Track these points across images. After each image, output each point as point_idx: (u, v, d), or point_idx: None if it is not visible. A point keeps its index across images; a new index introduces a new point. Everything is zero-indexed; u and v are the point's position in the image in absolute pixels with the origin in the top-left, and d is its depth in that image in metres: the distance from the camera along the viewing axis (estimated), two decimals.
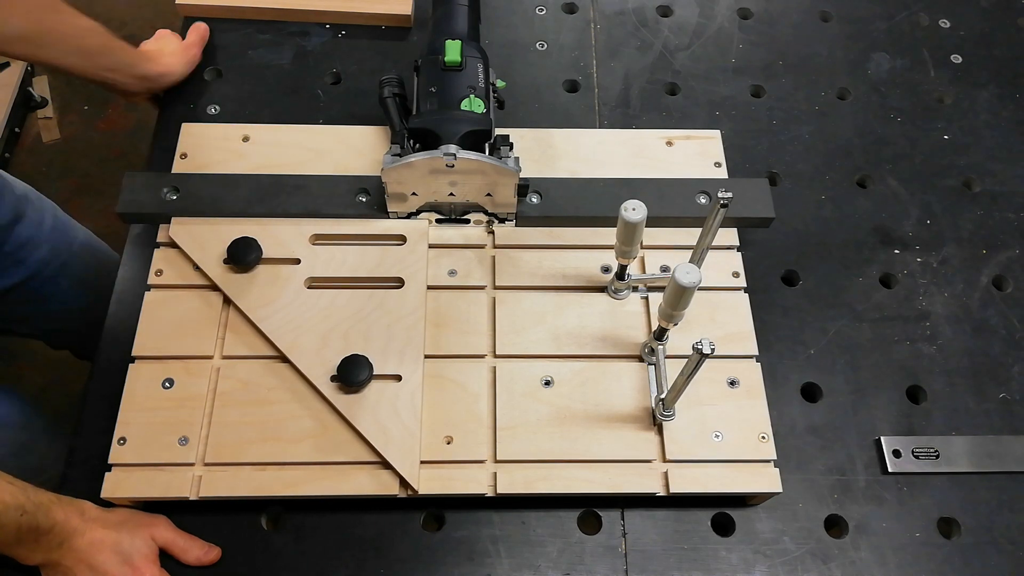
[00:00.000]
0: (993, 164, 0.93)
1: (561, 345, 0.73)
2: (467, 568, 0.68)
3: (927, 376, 0.80)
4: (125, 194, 0.78)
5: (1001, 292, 0.85)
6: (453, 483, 0.67)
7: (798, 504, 0.73)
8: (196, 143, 0.82)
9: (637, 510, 0.71)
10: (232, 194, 0.78)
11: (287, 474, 0.67)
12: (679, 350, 0.73)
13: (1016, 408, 0.78)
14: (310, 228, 0.77)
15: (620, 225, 0.65)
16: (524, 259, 0.77)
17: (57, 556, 0.62)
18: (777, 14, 1.04)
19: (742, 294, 0.77)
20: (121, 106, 1.96)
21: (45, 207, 0.97)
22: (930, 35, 1.04)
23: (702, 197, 0.79)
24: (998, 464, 0.75)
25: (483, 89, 0.78)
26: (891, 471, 0.74)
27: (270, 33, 0.98)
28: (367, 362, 0.69)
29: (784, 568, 0.70)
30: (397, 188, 0.75)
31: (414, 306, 0.74)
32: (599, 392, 0.71)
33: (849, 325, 0.82)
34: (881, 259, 0.86)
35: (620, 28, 1.02)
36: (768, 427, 0.70)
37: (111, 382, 0.73)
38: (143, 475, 0.67)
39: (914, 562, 0.71)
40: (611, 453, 0.69)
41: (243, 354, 0.72)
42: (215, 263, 0.75)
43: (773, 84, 0.98)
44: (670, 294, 0.62)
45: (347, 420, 0.68)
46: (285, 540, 0.69)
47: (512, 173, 0.73)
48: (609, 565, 0.69)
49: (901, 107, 0.97)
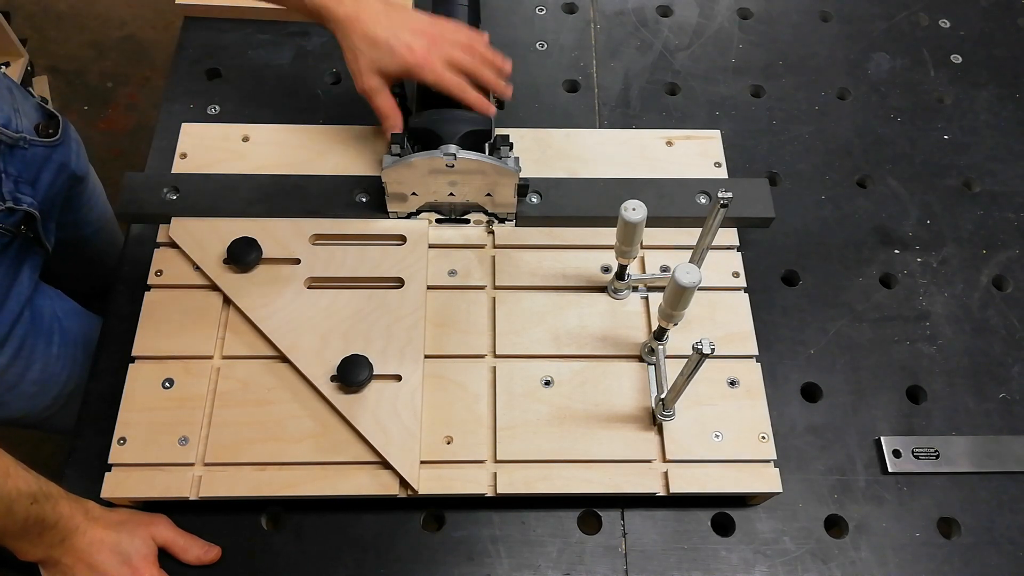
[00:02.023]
0: (993, 164, 0.93)
1: (561, 345, 0.73)
2: (467, 568, 0.68)
3: (927, 376, 0.80)
4: (125, 194, 0.78)
5: (1001, 292, 0.85)
6: (453, 483, 0.67)
7: (798, 504, 0.73)
8: (196, 143, 0.82)
9: (637, 510, 0.71)
10: (232, 194, 0.78)
11: (287, 474, 0.67)
12: (679, 350, 0.73)
13: (1016, 408, 0.78)
14: (310, 228, 0.77)
15: (620, 225, 0.65)
16: (524, 259, 0.77)
17: (58, 553, 0.62)
18: (777, 14, 1.04)
19: (742, 294, 0.77)
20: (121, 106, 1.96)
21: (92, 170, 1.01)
22: (930, 35, 1.04)
23: (702, 197, 0.79)
24: (998, 464, 0.75)
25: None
26: (891, 471, 0.74)
27: (270, 33, 0.98)
28: (367, 362, 0.69)
29: (784, 568, 0.70)
30: (397, 188, 0.75)
31: (414, 306, 0.74)
32: (599, 392, 0.71)
33: (849, 325, 0.82)
34: (881, 259, 0.86)
35: (620, 28, 1.02)
36: (768, 427, 0.70)
37: (111, 382, 0.73)
38: (143, 475, 0.67)
39: (914, 562, 0.71)
40: (611, 453, 0.69)
41: (243, 354, 0.72)
42: (215, 263, 0.75)
43: (773, 84, 0.98)
44: (670, 294, 0.62)
45: (347, 420, 0.68)
46: (285, 540, 0.69)
47: (512, 173, 0.73)
48: (609, 565, 0.69)
49: (901, 107, 0.97)
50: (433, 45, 0.73)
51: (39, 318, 0.85)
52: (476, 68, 0.76)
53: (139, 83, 2.01)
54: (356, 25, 0.71)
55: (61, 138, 0.87)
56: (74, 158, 0.91)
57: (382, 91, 0.74)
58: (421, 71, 0.72)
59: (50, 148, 0.85)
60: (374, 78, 0.73)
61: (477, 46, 0.77)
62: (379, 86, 0.74)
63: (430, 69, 0.72)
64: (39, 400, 0.87)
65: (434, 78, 0.72)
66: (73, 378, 0.88)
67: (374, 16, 0.71)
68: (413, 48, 0.71)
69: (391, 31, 0.71)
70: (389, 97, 0.75)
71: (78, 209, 0.97)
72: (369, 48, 0.71)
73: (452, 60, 0.74)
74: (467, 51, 0.76)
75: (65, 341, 0.87)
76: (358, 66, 0.73)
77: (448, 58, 0.74)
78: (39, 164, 0.84)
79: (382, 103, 0.75)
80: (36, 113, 0.86)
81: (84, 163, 0.95)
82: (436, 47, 0.73)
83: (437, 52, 0.73)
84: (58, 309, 0.89)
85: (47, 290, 0.89)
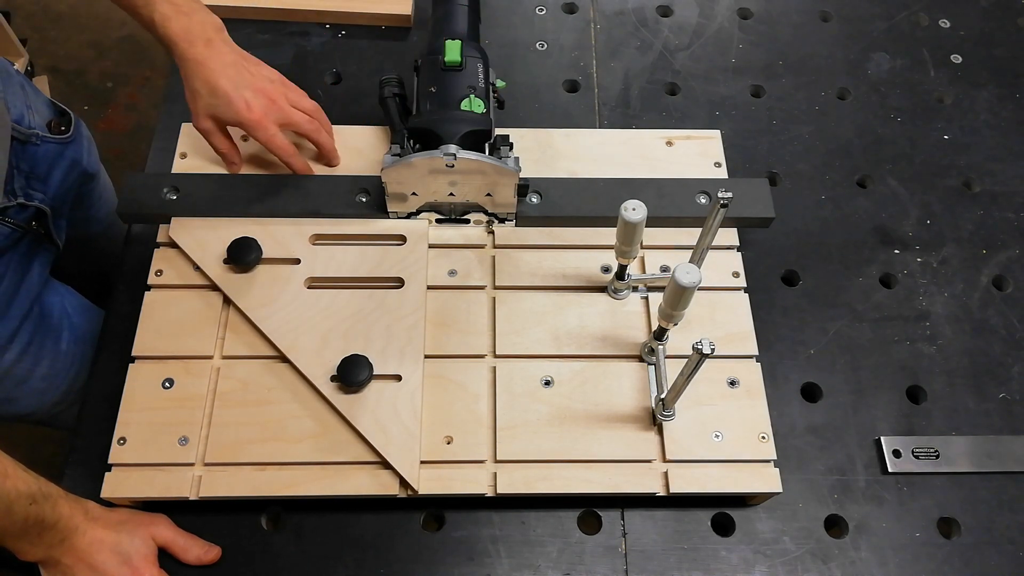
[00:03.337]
0: (993, 164, 0.93)
1: (561, 345, 0.73)
2: (467, 568, 0.68)
3: (927, 376, 0.80)
4: (125, 194, 0.78)
5: (1001, 292, 0.85)
6: (453, 483, 0.67)
7: (798, 504, 0.73)
8: (196, 143, 0.82)
9: (637, 510, 0.71)
10: (232, 194, 0.78)
11: (287, 474, 0.67)
12: (679, 350, 0.73)
13: (1016, 408, 0.78)
14: (310, 228, 0.77)
15: (620, 225, 0.65)
16: (524, 259, 0.77)
17: (58, 553, 0.62)
18: (777, 14, 1.04)
19: (742, 294, 0.77)
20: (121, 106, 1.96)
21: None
22: (930, 35, 1.04)
23: (702, 197, 0.79)
24: (998, 464, 0.75)
25: (483, 89, 0.78)
26: (891, 471, 0.74)
27: (270, 33, 0.98)
28: (367, 362, 0.69)
29: (784, 568, 0.70)
30: (397, 188, 0.75)
31: (414, 306, 0.74)
32: (599, 392, 0.71)
33: (849, 325, 0.82)
34: (881, 259, 0.86)
35: (620, 28, 1.02)
36: (768, 427, 0.70)
37: (111, 382, 0.73)
38: (143, 475, 0.67)
39: (914, 562, 0.71)
40: (611, 453, 0.69)
41: (243, 354, 0.72)
42: (215, 263, 0.75)
43: (773, 84, 0.98)
44: (670, 294, 0.62)
45: (347, 420, 0.68)
46: (285, 540, 0.69)
47: (512, 173, 0.73)
48: (609, 565, 0.69)
49: (901, 107, 0.97)
50: (272, 105, 0.75)
51: (49, 314, 0.85)
52: (314, 131, 0.79)
53: (139, 83, 2.01)
54: (201, 70, 0.73)
55: (73, 135, 0.87)
56: (85, 155, 0.91)
57: (215, 133, 0.77)
58: (254, 129, 0.74)
59: (62, 145, 0.85)
60: (208, 121, 0.76)
61: (317, 114, 0.81)
62: (212, 128, 0.77)
63: (263, 129, 0.74)
64: (48, 396, 0.88)
65: (265, 138, 0.75)
66: (82, 374, 0.88)
67: (222, 66, 0.73)
68: (251, 106, 0.73)
69: (233, 85, 0.73)
70: (223, 138, 0.78)
71: (88, 206, 0.97)
72: (209, 95, 0.73)
73: (290, 122, 0.77)
74: (306, 115, 0.78)
75: (74, 337, 0.88)
76: (195, 107, 0.75)
77: (286, 120, 0.76)
78: (51, 161, 0.84)
79: (217, 143, 0.78)
80: (48, 110, 0.86)
81: (95, 160, 0.96)
82: (275, 108, 0.75)
83: (275, 113, 0.75)
84: (68, 305, 0.89)
85: (57, 286, 0.89)
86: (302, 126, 0.78)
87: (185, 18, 0.72)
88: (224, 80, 0.72)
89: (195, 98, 0.74)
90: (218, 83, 0.72)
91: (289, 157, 0.77)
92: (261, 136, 0.75)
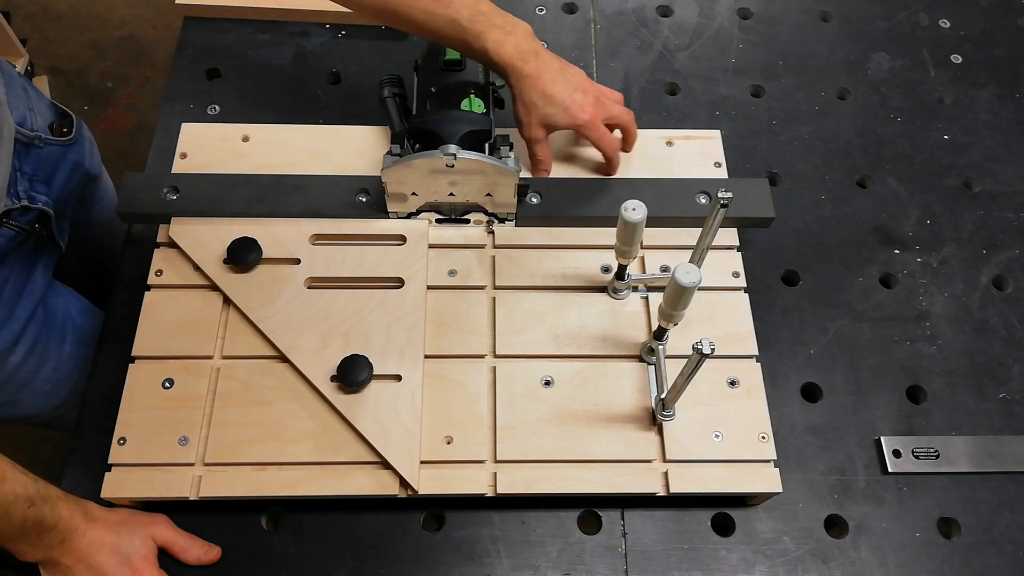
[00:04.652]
0: (993, 164, 0.93)
1: (561, 345, 0.73)
2: (467, 568, 0.68)
3: (927, 376, 0.80)
4: (125, 194, 0.78)
5: (1001, 292, 0.85)
6: (453, 483, 0.67)
7: (798, 504, 0.73)
8: (196, 143, 0.82)
9: (637, 510, 0.71)
10: (232, 194, 0.78)
11: (287, 474, 0.67)
12: (679, 350, 0.73)
13: (1016, 408, 0.78)
14: (310, 228, 0.77)
15: (620, 225, 0.65)
16: (524, 259, 0.77)
17: (57, 554, 0.62)
18: (777, 14, 1.04)
19: (742, 294, 0.77)
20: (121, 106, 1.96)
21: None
22: (930, 35, 1.04)
23: (702, 197, 0.79)
24: (998, 464, 0.75)
25: (483, 89, 0.78)
26: (891, 471, 0.74)
27: (270, 33, 0.98)
28: (367, 362, 0.69)
29: (784, 568, 0.70)
30: (397, 188, 0.75)
31: (414, 306, 0.74)
32: (599, 392, 0.71)
33: (849, 325, 0.82)
34: (881, 259, 0.86)
35: (620, 28, 1.02)
36: (768, 427, 0.70)
37: (111, 382, 0.73)
38: (143, 475, 0.67)
39: (914, 562, 0.71)
40: (611, 453, 0.69)
41: (243, 354, 0.72)
42: (215, 263, 0.75)
43: (773, 84, 0.98)
44: (670, 294, 0.62)
45: (347, 420, 0.68)
46: (285, 540, 0.69)
47: (512, 173, 0.73)
48: (609, 565, 0.69)
49: (901, 107, 0.97)
50: (597, 104, 0.78)
51: (52, 316, 0.85)
52: (630, 122, 0.82)
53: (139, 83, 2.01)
54: (536, 83, 0.75)
55: (75, 137, 0.87)
56: (88, 157, 0.91)
57: (544, 142, 0.80)
58: (588, 129, 0.78)
59: (64, 147, 0.85)
60: (541, 130, 0.78)
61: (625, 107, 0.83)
62: (543, 138, 0.79)
63: (595, 128, 0.78)
64: (52, 398, 0.88)
65: (596, 136, 0.78)
66: (85, 376, 0.88)
67: (552, 76, 0.75)
68: (584, 108, 0.76)
69: (565, 91, 0.76)
70: (547, 146, 0.81)
71: (91, 208, 0.97)
72: (545, 104, 0.76)
73: (610, 115, 0.80)
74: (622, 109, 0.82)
75: (78, 339, 0.88)
76: (529, 118, 0.77)
77: (607, 114, 0.79)
78: (53, 163, 0.84)
79: (541, 152, 0.80)
80: (50, 112, 0.86)
81: (97, 162, 0.96)
82: (599, 106, 0.78)
83: (600, 111, 0.78)
84: (71, 307, 0.89)
85: (60, 288, 0.89)
86: (621, 118, 0.81)
87: (513, 37, 0.74)
88: (556, 89, 0.75)
89: (530, 110, 0.76)
90: (553, 92, 0.75)
91: (615, 152, 0.81)
92: (593, 135, 0.78)
